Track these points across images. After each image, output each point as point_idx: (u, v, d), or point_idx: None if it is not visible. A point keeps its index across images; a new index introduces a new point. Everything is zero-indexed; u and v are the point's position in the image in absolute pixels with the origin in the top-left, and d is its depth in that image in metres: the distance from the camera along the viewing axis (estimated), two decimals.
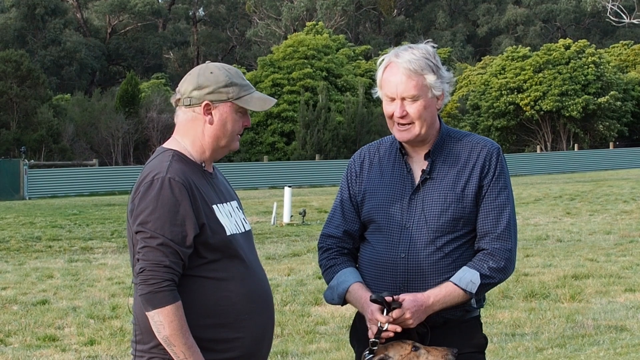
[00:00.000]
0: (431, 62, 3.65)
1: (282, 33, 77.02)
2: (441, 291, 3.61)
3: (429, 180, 3.70)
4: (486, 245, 3.68)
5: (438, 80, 3.66)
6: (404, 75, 3.63)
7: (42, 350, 8.97)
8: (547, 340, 8.74)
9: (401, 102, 3.65)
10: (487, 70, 63.20)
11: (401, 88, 3.64)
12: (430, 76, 3.64)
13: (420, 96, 3.63)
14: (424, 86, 3.64)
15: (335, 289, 3.73)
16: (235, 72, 3.59)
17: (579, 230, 18.90)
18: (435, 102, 3.69)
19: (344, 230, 3.82)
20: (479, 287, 3.63)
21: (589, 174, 43.73)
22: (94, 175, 41.43)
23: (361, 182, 3.82)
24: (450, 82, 3.72)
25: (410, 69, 3.62)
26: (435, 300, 3.60)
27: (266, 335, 3.62)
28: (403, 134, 3.69)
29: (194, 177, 3.51)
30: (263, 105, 3.61)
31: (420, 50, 3.67)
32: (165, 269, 3.37)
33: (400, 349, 3.56)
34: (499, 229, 3.67)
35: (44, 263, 16.04)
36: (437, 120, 3.76)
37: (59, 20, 71.78)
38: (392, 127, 3.72)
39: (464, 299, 3.64)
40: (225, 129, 3.58)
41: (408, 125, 3.67)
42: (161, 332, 3.37)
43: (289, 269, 13.97)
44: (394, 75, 3.65)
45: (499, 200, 3.69)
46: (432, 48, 3.70)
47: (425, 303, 3.58)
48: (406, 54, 3.65)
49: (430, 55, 3.67)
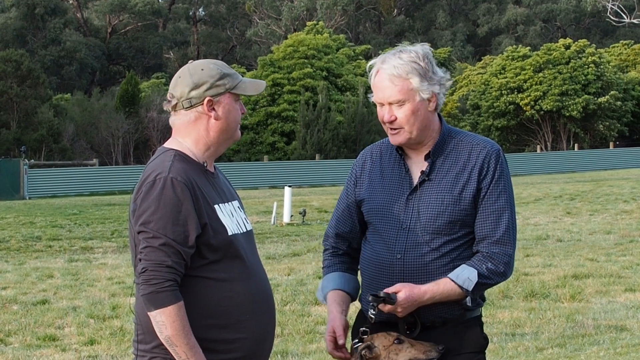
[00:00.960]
0: (419, 65, 3.65)
1: (282, 33, 77.02)
2: (438, 287, 3.62)
3: (427, 181, 3.71)
4: (485, 249, 3.68)
5: (425, 82, 3.66)
6: (388, 81, 3.66)
7: (42, 350, 8.97)
8: (547, 340, 8.74)
9: (389, 107, 3.69)
10: (487, 70, 63.21)
11: (387, 93, 3.67)
12: (415, 79, 3.64)
13: (406, 100, 3.66)
14: (410, 90, 3.65)
15: (321, 291, 3.88)
16: (222, 64, 3.63)
17: (579, 230, 18.91)
18: (426, 104, 3.68)
19: (342, 230, 3.87)
20: (475, 285, 3.62)
21: (589, 174, 43.73)
22: (94, 175, 41.43)
23: (362, 183, 3.84)
24: (443, 82, 3.71)
25: (394, 74, 3.65)
26: (431, 296, 3.61)
27: (267, 335, 3.62)
28: (395, 137, 3.73)
29: (195, 177, 3.51)
30: (257, 89, 3.65)
31: (408, 53, 3.68)
32: (168, 269, 3.37)
33: (384, 340, 3.61)
34: (498, 233, 3.67)
35: (44, 263, 16.04)
36: (434, 121, 3.75)
37: (59, 20, 71.78)
38: (387, 132, 3.77)
39: (459, 296, 3.64)
40: (230, 121, 3.59)
41: (398, 130, 3.70)
42: (163, 332, 3.37)
43: (289, 269, 13.97)
44: (381, 81, 3.69)
45: (498, 203, 3.68)
46: (423, 50, 3.71)
47: (419, 299, 3.60)
48: (392, 60, 3.68)
49: (419, 59, 3.67)
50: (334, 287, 3.82)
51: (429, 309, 3.65)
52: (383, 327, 3.68)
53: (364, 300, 3.82)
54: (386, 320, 3.69)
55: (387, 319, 3.69)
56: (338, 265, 3.88)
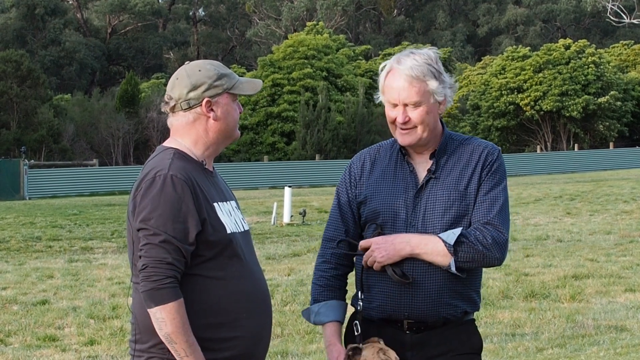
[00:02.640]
0: (433, 68, 3.67)
1: (282, 33, 77.04)
2: (421, 238, 3.62)
3: (433, 179, 3.74)
4: (475, 225, 3.69)
5: (440, 85, 3.68)
6: (405, 82, 3.65)
7: (42, 350, 8.97)
8: (547, 340, 8.74)
9: (403, 108, 3.68)
10: (487, 70, 63.21)
11: (404, 95, 3.66)
12: (432, 82, 3.65)
13: (422, 102, 3.66)
14: (426, 92, 3.66)
15: (313, 315, 3.79)
16: (219, 64, 3.63)
17: (579, 230, 18.91)
18: (437, 107, 3.71)
19: (344, 233, 3.83)
20: (457, 242, 3.59)
21: (589, 174, 43.73)
22: (94, 175, 41.44)
23: (362, 185, 3.82)
24: (452, 87, 3.73)
25: (412, 75, 3.64)
26: (409, 239, 3.61)
27: (264, 335, 3.62)
28: (405, 137, 3.71)
29: (195, 175, 3.51)
30: (254, 88, 3.65)
31: (422, 55, 3.68)
32: (168, 266, 3.37)
33: (371, 348, 3.62)
34: (490, 216, 3.67)
35: (44, 263, 16.04)
36: (439, 125, 3.79)
37: (58, 20, 71.80)
38: (395, 131, 3.75)
39: (442, 254, 3.60)
40: (229, 121, 3.60)
41: (410, 129, 3.70)
42: (163, 329, 3.37)
43: (289, 269, 13.97)
44: (396, 81, 3.67)
45: (493, 193, 3.71)
46: (434, 54, 3.72)
47: (395, 239, 3.60)
48: (408, 60, 3.67)
49: (433, 61, 3.68)
50: (334, 318, 3.77)
51: (432, 309, 3.66)
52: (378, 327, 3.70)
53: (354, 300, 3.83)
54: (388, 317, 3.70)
55: (389, 316, 3.69)
56: (337, 291, 3.82)
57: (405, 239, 3.63)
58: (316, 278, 3.85)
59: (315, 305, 3.81)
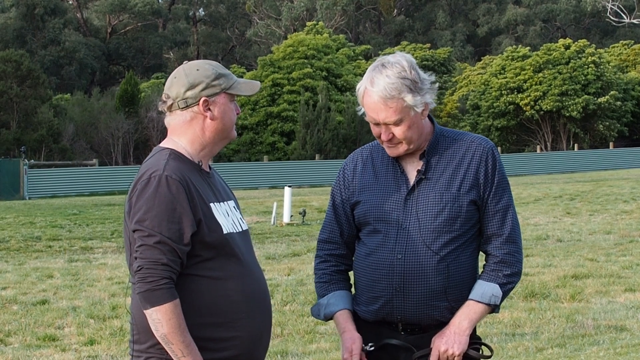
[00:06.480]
0: (408, 80, 3.58)
1: (282, 33, 77.04)
2: (469, 312, 3.65)
3: (424, 180, 3.70)
4: (495, 251, 3.71)
5: (418, 96, 3.60)
6: (381, 104, 3.59)
7: (42, 350, 8.96)
8: (547, 340, 8.74)
9: (385, 127, 3.64)
10: (487, 70, 63.24)
11: (382, 115, 3.61)
12: (408, 97, 3.58)
13: (403, 119, 3.60)
14: (404, 108, 3.59)
15: (323, 308, 3.79)
16: (217, 64, 3.63)
17: (579, 230, 18.91)
18: (419, 116, 3.65)
19: (339, 235, 3.82)
20: (502, 297, 3.70)
21: (589, 174, 43.73)
22: (94, 175, 41.44)
23: (355, 186, 3.80)
24: (432, 88, 3.65)
25: (386, 96, 3.57)
26: (469, 323, 3.65)
27: (263, 334, 3.62)
28: (393, 150, 3.70)
29: (190, 175, 3.51)
30: (252, 89, 3.65)
31: (394, 68, 3.59)
32: (163, 267, 3.37)
33: None
34: (506, 232, 3.70)
35: (44, 263, 16.04)
36: (426, 126, 3.72)
37: (58, 20, 71.79)
38: (382, 144, 3.74)
39: (489, 312, 3.71)
40: (226, 121, 3.60)
41: (396, 144, 3.67)
42: (159, 330, 3.37)
43: (289, 269, 13.97)
44: (373, 103, 3.61)
45: (503, 202, 3.70)
46: (407, 61, 3.62)
47: (459, 330, 3.64)
48: (381, 80, 3.58)
49: (407, 72, 3.59)
50: (345, 306, 3.77)
51: (424, 312, 3.66)
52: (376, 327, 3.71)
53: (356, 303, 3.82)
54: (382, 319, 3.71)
55: (382, 318, 3.70)
56: (342, 283, 3.83)
57: (459, 328, 3.64)
58: (318, 277, 3.85)
59: (323, 298, 3.80)
